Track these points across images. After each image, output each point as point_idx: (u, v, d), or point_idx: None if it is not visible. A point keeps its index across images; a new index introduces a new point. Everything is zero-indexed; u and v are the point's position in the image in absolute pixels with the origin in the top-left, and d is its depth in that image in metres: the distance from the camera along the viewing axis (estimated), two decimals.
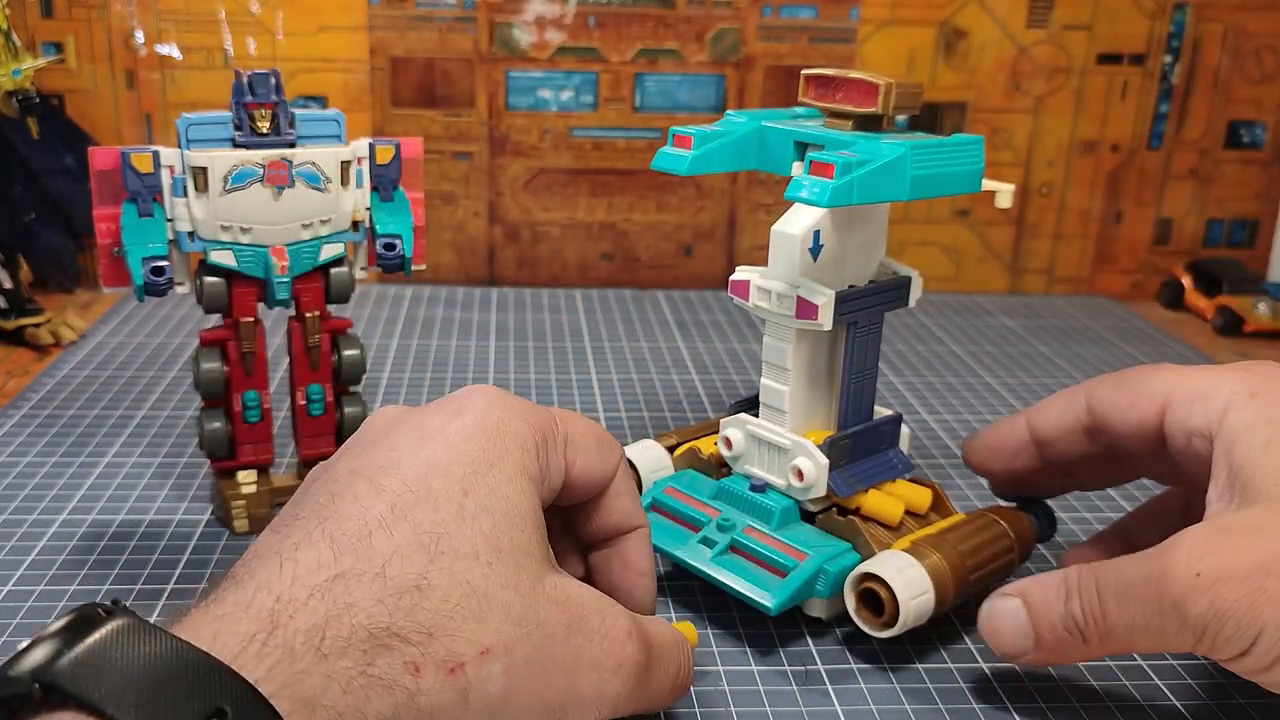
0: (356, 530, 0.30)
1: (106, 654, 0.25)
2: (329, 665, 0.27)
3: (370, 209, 0.49)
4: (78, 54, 0.82)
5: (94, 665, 0.25)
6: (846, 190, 0.37)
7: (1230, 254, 0.95)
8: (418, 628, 0.29)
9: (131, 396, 0.64)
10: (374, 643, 0.28)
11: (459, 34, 0.84)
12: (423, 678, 0.29)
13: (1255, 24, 0.89)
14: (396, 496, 0.31)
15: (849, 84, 0.41)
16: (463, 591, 0.30)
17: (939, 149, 0.40)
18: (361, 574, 0.29)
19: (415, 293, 0.86)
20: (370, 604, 0.29)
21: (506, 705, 0.30)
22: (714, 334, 0.80)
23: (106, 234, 0.45)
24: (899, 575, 0.40)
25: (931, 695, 0.40)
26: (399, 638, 0.29)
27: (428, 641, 0.29)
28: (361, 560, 0.29)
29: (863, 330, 0.44)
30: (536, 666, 0.31)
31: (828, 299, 0.41)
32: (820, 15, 0.86)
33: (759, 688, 0.40)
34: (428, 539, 0.30)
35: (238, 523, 0.49)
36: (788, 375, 0.44)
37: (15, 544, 0.48)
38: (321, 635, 0.28)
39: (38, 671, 0.25)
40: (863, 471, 0.45)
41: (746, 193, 0.90)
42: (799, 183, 0.38)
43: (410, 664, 0.28)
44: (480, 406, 0.34)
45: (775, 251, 0.42)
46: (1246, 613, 0.31)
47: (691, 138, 0.41)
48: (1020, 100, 0.89)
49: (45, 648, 0.25)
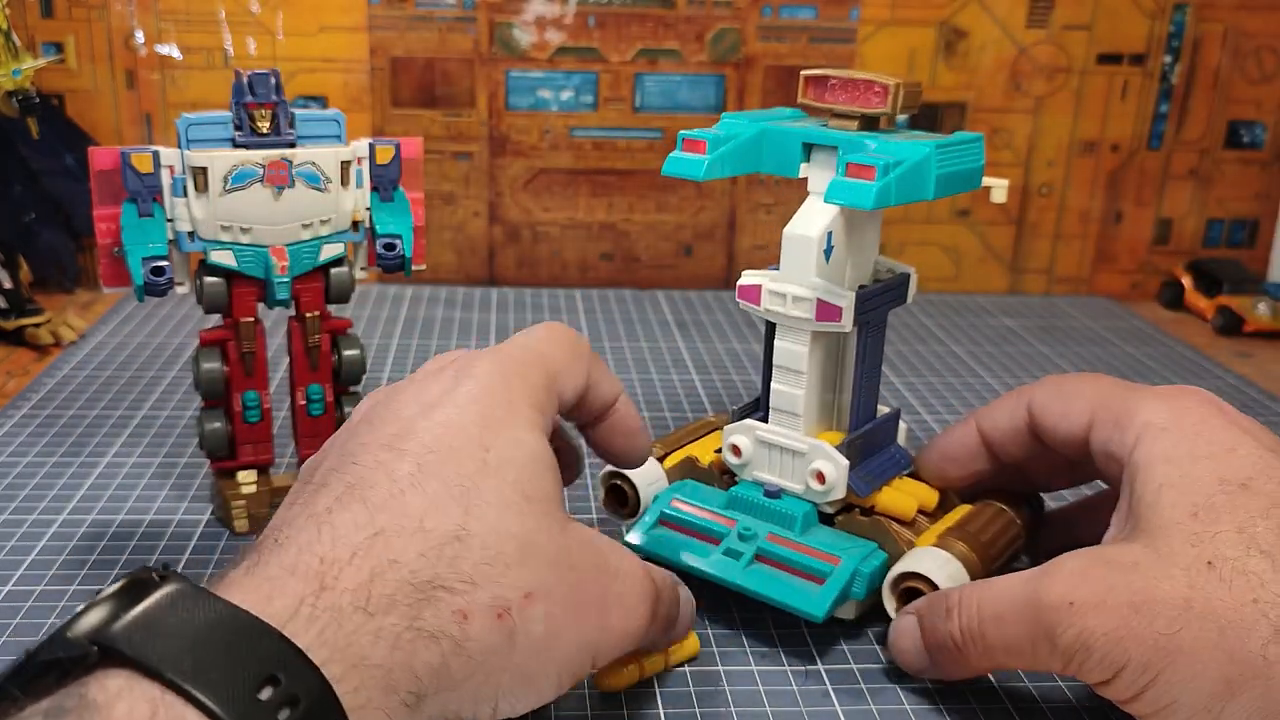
0: (388, 490, 0.31)
1: (162, 618, 0.26)
2: (376, 623, 0.28)
3: (370, 209, 0.49)
4: (78, 54, 0.82)
5: (150, 628, 0.25)
6: (887, 192, 0.38)
7: (1230, 254, 0.95)
8: (461, 577, 0.29)
9: (131, 396, 0.64)
10: (419, 595, 0.29)
11: (459, 34, 0.84)
12: (471, 624, 0.29)
13: (1255, 24, 0.89)
14: (420, 457, 0.32)
15: (854, 85, 0.41)
16: (501, 539, 0.31)
17: (954, 148, 0.41)
18: (400, 529, 0.30)
19: (415, 293, 0.86)
20: (413, 558, 0.29)
21: (550, 645, 0.31)
22: (714, 334, 0.80)
23: (106, 234, 0.45)
24: (941, 571, 0.40)
25: (932, 695, 0.40)
26: (444, 588, 0.29)
27: (472, 590, 0.29)
28: (398, 517, 0.30)
29: (872, 329, 0.44)
30: (573, 606, 0.32)
31: (850, 300, 0.41)
32: (820, 15, 0.86)
33: (759, 688, 0.40)
34: (459, 491, 0.31)
35: (238, 523, 0.49)
36: (802, 379, 0.43)
37: (15, 544, 0.48)
38: (368, 594, 0.28)
39: (94, 633, 0.25)
40: (875, 469, 0.45)
41: (746, 193, 0.90)
42: (840, 185, 0.38)
43: (459, 612, 0.29)
44: (481, 370, 0.35)
45: (790, 255, 0.42)
46: (1112, 647, 0.33)
47: (706, 142, 0.41)
48: (1020, 100, 0.89)
49: (100, 610, 0.26)
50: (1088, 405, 0.40)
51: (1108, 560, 0.35)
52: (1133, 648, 0.33)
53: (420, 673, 0.28)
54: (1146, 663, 0.32)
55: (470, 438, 0.32)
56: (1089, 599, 0.34)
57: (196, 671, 0.25)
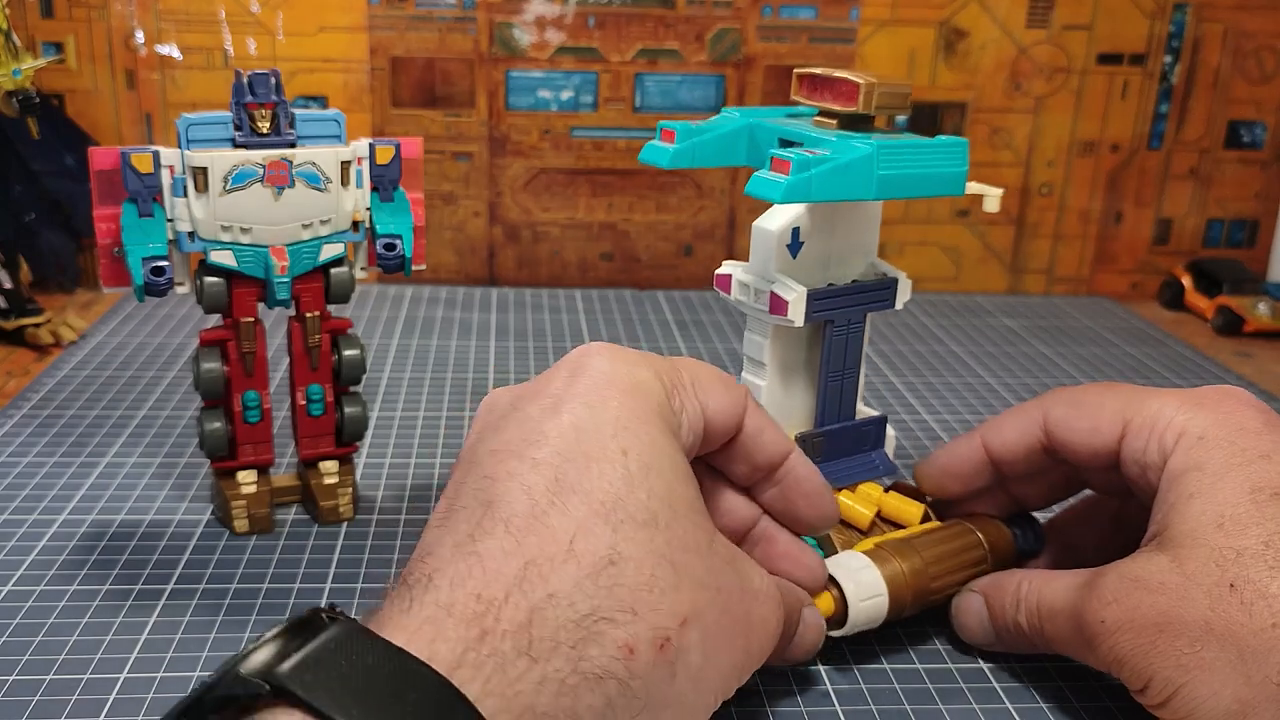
0: (527, 509, 0.29)
1: (332, 660, 0.25)
2: (541, 670, 0.27)
3: (370, 209, 0.49)
4: (78, 54, 0.82)
5: (320, 670, 0.25)
6: (803, 187, 0.37)
7: (1230, 254, 0.95)
8: (621, 606, 0.28)
9: (131, 396, 0.64)
10: (581, 632, 0.27)
11: (459, 34, 0.84)
12: (636, 660, 0.28)
13: (1255, 24, 0.89)
14: (556, 469, 0.30)
15: (834, 83, 0.41)
16: (655, 561, 0.29)
17: (912, 149, 0.40)
18: (552, 557, 0.28)
19: (415, 293, 0.86)
20: (569, 589, 0.28)
21: (704, 673, 0.30)
22: (714, 334, 0.80)
23: (106, 234, 0.45)
24: (851, 577, 0.40)
25: (931, 695, 0.40)
26: (606, 620, 0.28)
27: (634, 620, 0.28)
28: (546, 543, 0.28)
29: (841, 330, 0.44)
30: (723, 630, 0.30)
31: (799, 295, 0.41)
32: (820, 15, 0.86)
33: (759, 688, 0.40)
34: (603, 508, 0.29)
35: (238, 523, 0.49)
36: (764, 370, 0.44)
37: (15, 544, 0.48)
38: (529, 638, 0.27)
39: (265, 672, 0.25)
40: (840, 470, 0.45)
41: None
42: (757, 179, 0.38)
43: (624, 647, 0.28)
44: (601, 362, 0.33)
45: (754, 247, 0.43)
46: (1140, 662, 0.35)
47: (675, 131, 0.42)
48: (1020, 100, 0.89)
49: (269, 648, 0.26)
50: (1119, 417, 0.40)
51: (1136, 580, 0.36)
52: (1157, 663, 0.34)
53: (585, 717, 0.27)
54: (1169, 678, 0.34)
55: (605, 440, 0.30)
56: (1120, 620, 0.35)
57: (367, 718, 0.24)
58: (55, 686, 0.39)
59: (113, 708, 0.38)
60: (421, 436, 0.61)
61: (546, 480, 0.29)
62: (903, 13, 0.86)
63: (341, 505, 0.51)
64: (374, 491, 0.54)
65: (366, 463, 0.57)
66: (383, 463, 0.57)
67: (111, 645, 0.41)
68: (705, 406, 0.34)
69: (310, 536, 0.50)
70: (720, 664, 0.30)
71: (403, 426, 0.62)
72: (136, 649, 0.41)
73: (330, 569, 0.47)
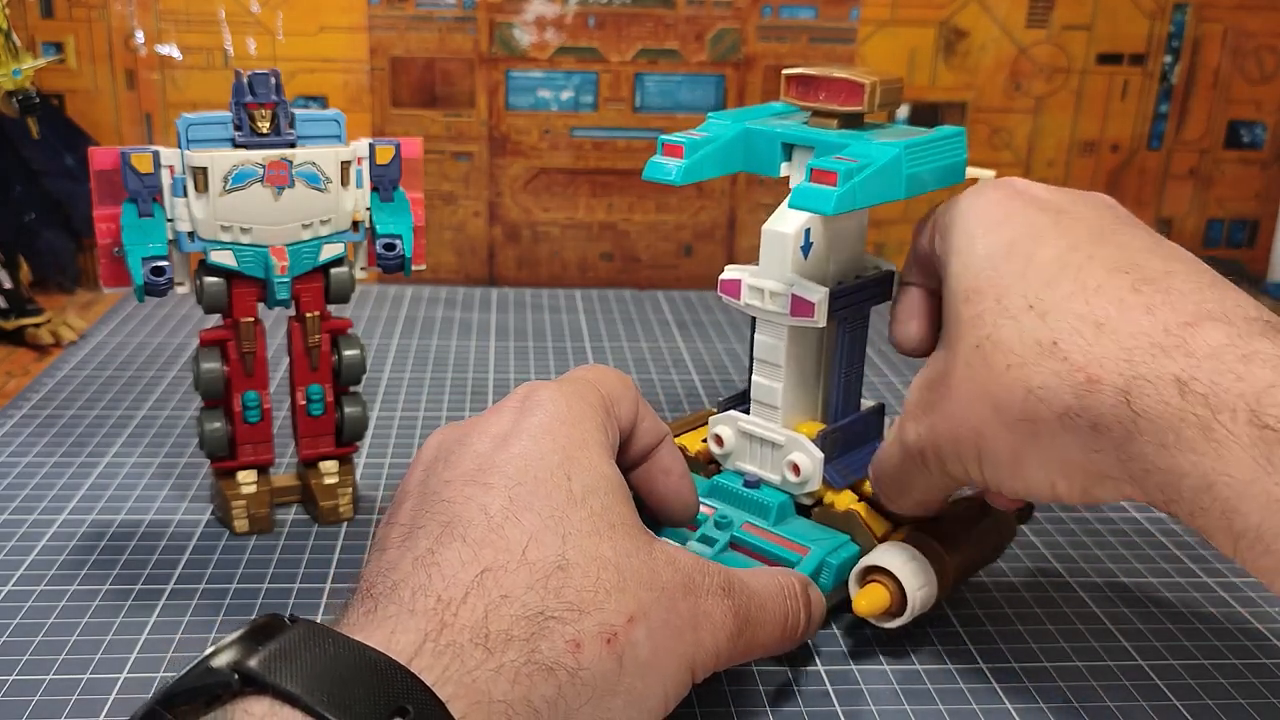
0: (484, 525, 0.32)
1: (297, 652, 0.27)
2: (496, 660, 0.29)
3: (370, 209, 0.49)
4: (78, 54, 0.82)
5: (287, 660, 0.27)
6: (850, 196, 0.38)
7: (1230, 254, 0.95)
8: (569, 606, 0.30)
9: (131, 396, 0.64)
10: (533, 628, 0.30)
11: (459, 34, 0.84)
12: (583, 653, 0.30)
13: (1255, 24, 0.89)
14: (508, 491, 0.33)
15: (833, 84, 0.42)
16: (600, 565, 0.32)
17: (929, 145, 0.41)
18: (505, 564, 0.31)
19: (415, 293, 0.86)
20: (521, 591, 0.30)
21: (655, 665, 0.32)
22: (714, 334, 0.80)
23: (106, 234, 0.45)
24: (905, 566, 0.40)
25: (931, 695, 0.40)
26: (554, 619, 0.30)
27: (580, 618, 0.30)
28: (500, 552, 0.31)
29: (852, 325, 0.44)
30: (670, 626, 0.33)
31: (822, 296, 0.41)
32: (820, 15, 0.86)
33: (759, 688, 0.40)
34: (552, 522, 0.32)
35: (238, 523, 0.49)
36: (780, 372, 0.44)
37: (15, 544, 0.48)
38: (485, 631, 0.29)
39: (234, 664, 0.26)
40: (854, 463, 0.45)
41: (746, 193, 0.90)
42: (803, 191, 0.38)
43: (571, 642, 0.30)
44: (547, 401, 0.36)
45: (767, 250, 0.42)
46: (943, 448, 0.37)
47: (683, 146, 0.42)
48: (1020, 100, 0.89)
49: (235, 648, 0.27)
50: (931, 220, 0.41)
51: (929, 383, 0.38)
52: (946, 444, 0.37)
53: (538, 705, 0.29)
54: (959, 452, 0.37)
55: (551, 468, 0.33)
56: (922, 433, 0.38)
57: (333, 700, 0.26)
58: (55, 686, 0.39)
59: (113, 708, 0.38)
60: (421, 436, 0.61)
61: (501, 501, 0.32)
62: (903, 13, 0.86)
63: (341, 505, 0.51)
64: (374, 491, 0.54)
65: (366, 463, 0.57)
66: (383, 463, 0.57)
67: (111, 645, 0.41)
68: (620, 418, 0.38)
69: (310, 536, 0.50)
70: (668, 658, 0.32)
71: (403, 426, 0.62)
72: (136, 649, 0.41)
73: (330, 569, 0.47)
